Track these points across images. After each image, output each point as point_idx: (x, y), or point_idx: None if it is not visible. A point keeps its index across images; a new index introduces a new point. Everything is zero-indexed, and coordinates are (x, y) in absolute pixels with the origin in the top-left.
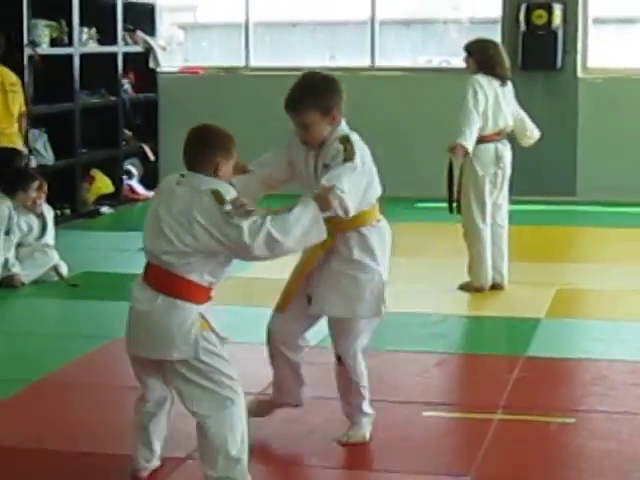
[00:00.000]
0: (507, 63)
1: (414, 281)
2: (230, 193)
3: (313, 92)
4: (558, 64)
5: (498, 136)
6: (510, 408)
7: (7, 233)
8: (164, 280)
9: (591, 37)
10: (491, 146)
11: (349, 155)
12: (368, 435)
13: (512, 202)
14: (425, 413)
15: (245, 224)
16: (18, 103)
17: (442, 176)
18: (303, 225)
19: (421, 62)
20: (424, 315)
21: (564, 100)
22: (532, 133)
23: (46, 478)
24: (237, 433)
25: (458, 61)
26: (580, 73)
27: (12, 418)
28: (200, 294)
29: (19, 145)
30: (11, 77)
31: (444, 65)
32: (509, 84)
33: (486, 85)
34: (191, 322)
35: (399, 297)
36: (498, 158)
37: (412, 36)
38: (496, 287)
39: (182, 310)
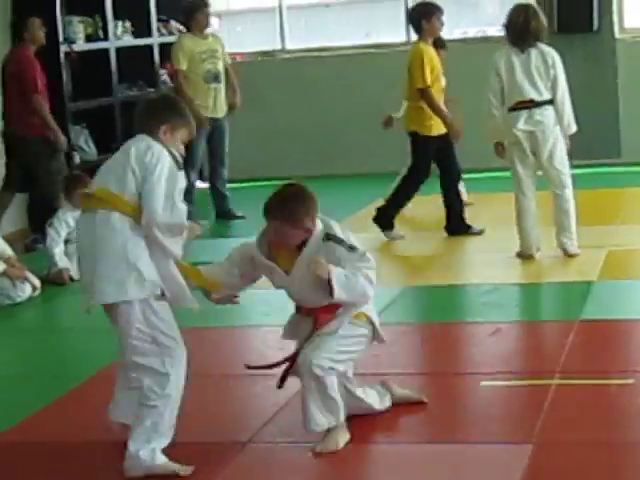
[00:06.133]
0: (529, 27)
1: (463, 253)
2: None
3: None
4: (595, 26)
5: (520, 105)
6: (568, 373)
7: (66, 242)
8: None
9: None
10: (513, 114)
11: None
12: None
13: None
14: (483, 383)
15: None
16: None
17: (481, 146)
18: None
19: (457, 34)
20: (475, 285)
21: (603, 62)
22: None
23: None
24: None
25: (493, 30)
26: (618, 34)
27: (68, 414)
28: None
29: None
30: None
31: (480, 35)
32: (534, 52)
33: (501, 59)
34: None
35: (449, 270)
36: (513, 126)
37: (447, 8)
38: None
39: None
